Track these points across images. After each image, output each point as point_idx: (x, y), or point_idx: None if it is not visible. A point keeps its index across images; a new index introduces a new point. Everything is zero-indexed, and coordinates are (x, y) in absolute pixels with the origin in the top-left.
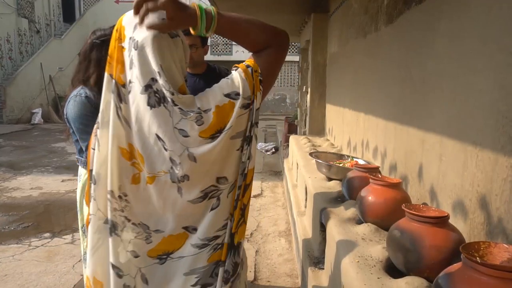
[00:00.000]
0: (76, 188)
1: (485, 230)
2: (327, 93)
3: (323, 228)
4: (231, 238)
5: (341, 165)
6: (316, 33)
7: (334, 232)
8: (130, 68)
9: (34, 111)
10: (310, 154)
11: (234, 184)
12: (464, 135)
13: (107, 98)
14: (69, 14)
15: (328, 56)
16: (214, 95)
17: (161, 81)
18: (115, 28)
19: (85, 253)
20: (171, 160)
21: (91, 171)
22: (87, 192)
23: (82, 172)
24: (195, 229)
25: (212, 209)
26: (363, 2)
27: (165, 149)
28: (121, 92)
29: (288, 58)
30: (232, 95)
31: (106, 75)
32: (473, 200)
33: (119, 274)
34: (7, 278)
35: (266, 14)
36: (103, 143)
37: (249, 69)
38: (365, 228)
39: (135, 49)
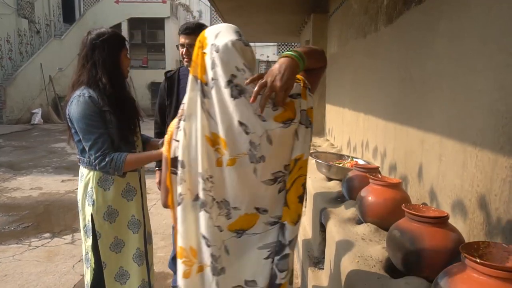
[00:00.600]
0: (76, 188)
1: (484, 230)
2: (327, 93)
3: (323, 228)
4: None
5: (341, 165)
6: (316, 34)
7: (334, 232)
8: (212, 68)
9: (34, 111)
10: (310, 154)
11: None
12: (463, 136)
13: (191, 96)
14: (69, 15)
15: (328, 57)
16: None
17: (238, 79)
18: (199, 39)
19: (86, 253)
20: (251, 142)
21: (174, 159)
22: (168, 176)
23: (84, 172)
24: (265, 211)
25: (279, 191)
26: (363, 2)
27: (247, 133)
28: (204, 89)
29: None
30: (294, 96)
31: (190, 76)
32: (473, 200)
33: (208, 244)
34: (7, 278)
35: (266, 14)
36: (189, 133)
37: (305, 88)
38: (365, 228)
39: (216, 52)
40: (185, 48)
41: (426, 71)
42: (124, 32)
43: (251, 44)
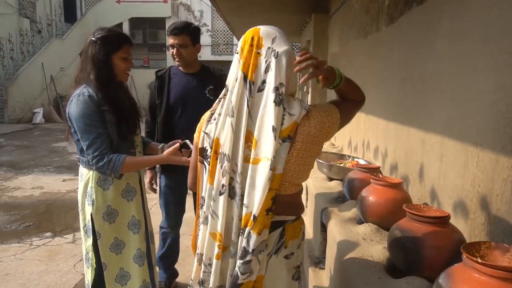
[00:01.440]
0: (77, 188)
1: (485, 230)
2: (328, 93)
3: (323, 228)
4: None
5: (341, 165)
6: (317, 33)
7: (335, 232)
8: (266, 71)
9: (35, 110)
10: None
11: None
12: (464, 136)
13: (240, 92)
14: (70, 14)
15: (329, 57)
16: (299, 109)
17: (283, 88)
18: (251, 36)
19: (87, 252)
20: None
21: (202, 149)
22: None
23: (83, 171)
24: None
25: None
26: (364, 2)
27: (275, 138)
28: (251, 88)
29: None
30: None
31: (240, 73)
32: (474, 201)
33: (229, 227)
34: (8, 277)
35: (267, 14)
36: (237, 128)
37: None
38: (366, 228)
39: (275, 58)
40: (175, 49)
41: (427, 71)
42: (125, 32)
43: None
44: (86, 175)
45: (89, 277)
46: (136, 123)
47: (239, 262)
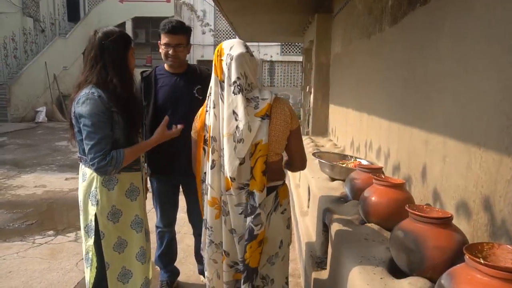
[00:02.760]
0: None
1: (488, 232)
2: (331, 94)
3: (326, 228)
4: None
5: (344, 165)
6: (319, 34)
7: (337, 232)
8: (227, 70)
9: (38, 109)
10: (313, 154)
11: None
12: (468, 136)
13: (215, 90)
14: (73, 14)
15: (332, 57)
16: (270, 94)
17: (241, 81)
18: (217, 49)
19: (87, 252)
20: (237, 127)
21: (204, 137)
22: (199, 151)
23: (86, 171)
24: (234, 179)
25: (241, 166)
26: (367, 2)
27: (236, 119)
28: (221, 85)
29: (291, 58)
30: (267, 100)
31: (213, 76)
32: (477, 201)
33: (222, 193)
34: (11, 275)
35: (270, 14)
36: (218, 116)
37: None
38: (368, 229)
39: (231, 60)
40: (171, 48)
41: (430, 72)
42: (128, 31)
43: (255, 44)
44: (90, 175)
45: (88, 277)
46: (142, 124)
47: (250, 218)
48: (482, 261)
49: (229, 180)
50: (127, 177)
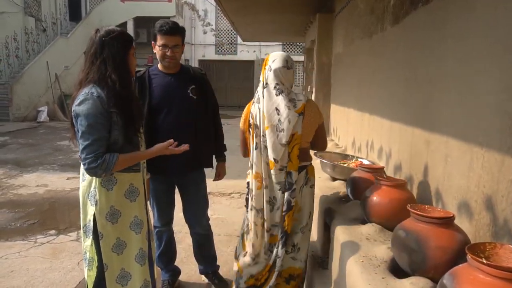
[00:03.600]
0: None
1: (490, 231)
2: (332, 93)
3: (327, 228)
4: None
5: (345, 165)
6: (321, 33)
7: (339, 232)
8: (267, 78)
9: (40, 109)
10: (315, 154)
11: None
12: (470, 136)
13: (259, 90)
14: (75, 13)
15: (333, 56)
16: (304, 97)
17: (279, 86)
18: (265, 58)
19: (85, 252)
20: (279, 120)
21: (251, 124)
22: (247, 136)
23: None
24: (277, 161)
25: (285, 151)
26: (369, 2)
27: (278, 114)
28: (264, 87)
29: (293, 58)
30: (302, 100)
31: (260, 78)
32: (479, 201)
33: (263, 170)
34: (13, 274)
35: (272, 13)
36: (260, 109)
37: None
38: (369, 228)
39: (270, 71)
40: (169, 49)
41: (432, 71)
42: (130, 31)
43: (256, 43)
44: None
45: (87, 277)
46: (140, 123)
47: (288, 192)
48: (484, 261)
49: (273, 162)
50: (126, 177)
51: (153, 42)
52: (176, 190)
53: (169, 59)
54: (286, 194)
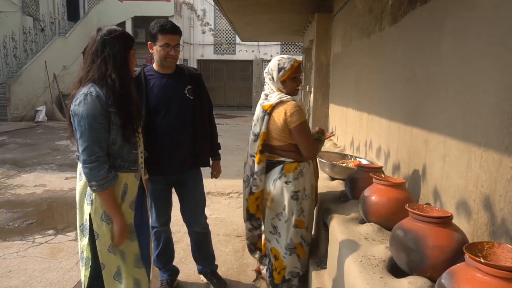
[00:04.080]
0: None
1: (488, 231)
2: (330, 93)
3: (326, 227)
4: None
5: (344, 164)
6: (319, 33)
7: (337, 231)
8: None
9: (38, 109)
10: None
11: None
12: (468, 136)
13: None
14: (73, 13)
15: (332, 56)
16: (276, 99)
17: (266, 86)
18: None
19: (82, 251)
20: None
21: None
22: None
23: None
24: (248, 148)
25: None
26: (368, 2)
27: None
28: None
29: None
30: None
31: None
32: (477, 201)
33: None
34: (11, 274)
35: (270, 13)
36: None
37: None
38: (368, 228)
39: (266, 73)
40: (172, 48)
41: (430, 71)
42: (128, 31)
43: (255, 43)
44: None
45: (83, 276)
46: (139, 123)
47: (251, 178)
48: (482, 260)
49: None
50: (123, 177)
51: (150, 42)
52: (173, 190)
53: (172, 58)
54: (251, 179)
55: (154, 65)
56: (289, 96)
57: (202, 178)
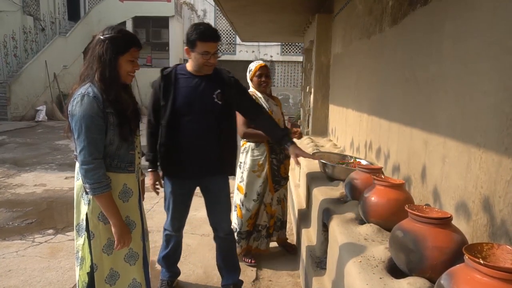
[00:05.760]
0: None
1: (488, 232)
2: (331, 94)
3: (325, 228)
4: None
5: (344, 165)
6: (320, 34)
7: (337, 232)
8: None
9: (38, 108)
10: (313, 154)
11: None
12: (467, 137)
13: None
14: (74, 12)
15: (332, 57)
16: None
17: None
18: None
19: (77, 251)
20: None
21: None
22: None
23: None
24: None
25: None
26: (368, 3)
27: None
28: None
29: (292, 58)
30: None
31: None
32: (476, 202)
33: None
34: (11, 273)
35: (270, 13)
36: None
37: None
38: (367, 229)
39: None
40: (212, 56)
41: (430, 72)
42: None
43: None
44: None
45: (78, 276)
46: (138, 125)
47: None
48: (481, 262)
49: None
50: (121, 178)
51: (187, 48)
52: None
53: (211, 66)
54: None
55: (188, 65)
56: (252, 90)
57: (228, 183)
